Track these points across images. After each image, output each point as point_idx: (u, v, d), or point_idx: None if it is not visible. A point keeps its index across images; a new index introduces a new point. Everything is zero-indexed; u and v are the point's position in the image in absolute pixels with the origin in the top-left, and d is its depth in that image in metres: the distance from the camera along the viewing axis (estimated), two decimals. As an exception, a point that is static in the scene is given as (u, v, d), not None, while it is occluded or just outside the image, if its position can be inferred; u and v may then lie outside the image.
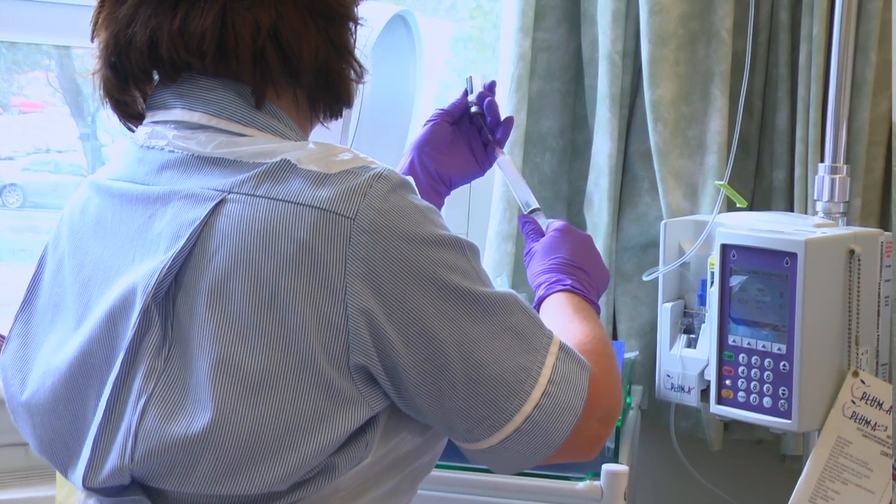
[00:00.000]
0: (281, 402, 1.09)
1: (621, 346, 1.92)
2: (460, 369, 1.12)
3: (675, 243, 1.90)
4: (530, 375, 1.14)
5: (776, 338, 1.68)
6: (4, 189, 2.46)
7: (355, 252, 1.09)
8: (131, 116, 1.26)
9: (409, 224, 1.11)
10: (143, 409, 1.10)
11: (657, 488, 2.21)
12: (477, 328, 1.13)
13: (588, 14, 2.08)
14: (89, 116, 2.43)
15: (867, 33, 1.91)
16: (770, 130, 2.04)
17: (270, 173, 1.13)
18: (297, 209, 1.10)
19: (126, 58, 1.20)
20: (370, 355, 1.10)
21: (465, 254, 1.15)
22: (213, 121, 1.18)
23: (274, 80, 1.19)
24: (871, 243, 1.72)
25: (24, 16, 2.10)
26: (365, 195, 1.10)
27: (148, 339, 1.12)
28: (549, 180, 2.14)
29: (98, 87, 1.24)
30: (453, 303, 1.12)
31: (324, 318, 1.08)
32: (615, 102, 2.02)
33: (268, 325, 1.08)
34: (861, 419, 1.68)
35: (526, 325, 1.16)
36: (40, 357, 1.22)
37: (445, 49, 2.37)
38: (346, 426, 1.11)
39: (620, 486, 1.63)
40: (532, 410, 1.14)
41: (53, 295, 1.24)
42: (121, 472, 1.12)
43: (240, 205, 1.11)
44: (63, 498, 1.70)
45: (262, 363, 1.08)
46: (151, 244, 1.15)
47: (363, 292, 1.09)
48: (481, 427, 1.15)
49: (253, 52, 1.16)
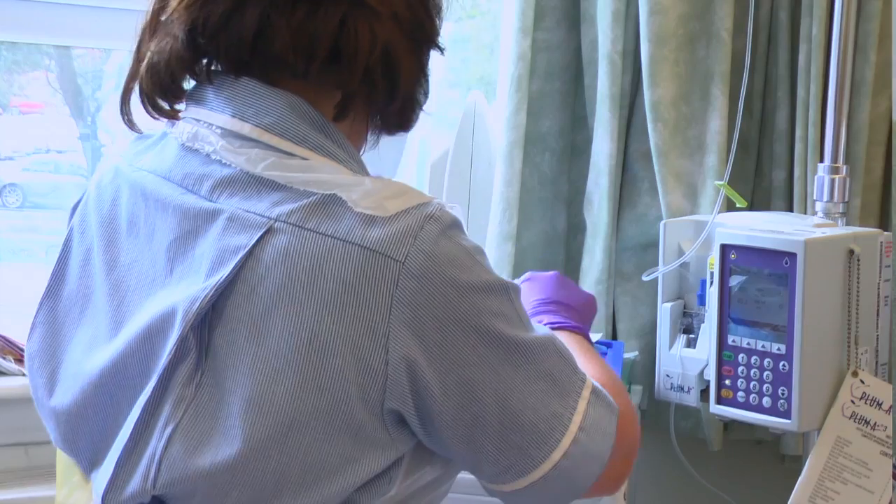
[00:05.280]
0: (310, 442, 1.07)
1: (621, 346, 1.91)
2: (494, 417, 1.10)
3: (674, 243, 1.90)
4: (561, 423, 1.13)
5: (776, 338, 1.68)
6: (4, 189, 2.46)
7: (402, 297, 1.06)
8: (175, 98, 1.19)
9: (457, 270, 1.08)
10: (170, 437, 1.08)
11: (657, 488, 2.21)
12: (515, 375, 1.11)
13: (588, 14, 2.08)
14: (89, 117, 2.43)
15: (867, 33, 1.92)
16: (770, 130, 2.05)
17: (321, 206, 1.08)
18: (346, 247, 1.06)
19: (216, 42, 1.14)
20: (406, 401, 1.08)
21: (510, 298, 1.12)
22: (264, 136, 1.13)
23: (371, 96, 1.16)
24: (871, 243, 1.72)
25: (24, 16, 2.10)
26: (416, 237, 1.06)
27: (182, 367, 1.09)
28: (549, 180, 2.14)
29: (152, 65, 1.17)
30: (495, 350, 1.09)
31: (363, 362, 1.06)
32: (615, 102, 2.03)
33: (305, 364, 1.06)
34: (861, 419, 1.68)
35: (561, 369, 1.14)
36: (70, 355, 1.20)
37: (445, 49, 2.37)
38: (371, 467, 1.09)
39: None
40: (560, 458, 1.13)
41: (82, 286, 1.22)
42: (142, 495, 1.10)
43: (287, 236, 1.07)
44: (63, 498, 1.70)
45: (294, 402, 1.06)
46: (193, 264, 1.12)
47: (406, 338, 1.06)
48: (509, 473, 1.14)
49: (367, 65, 1.13)
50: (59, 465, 1.65)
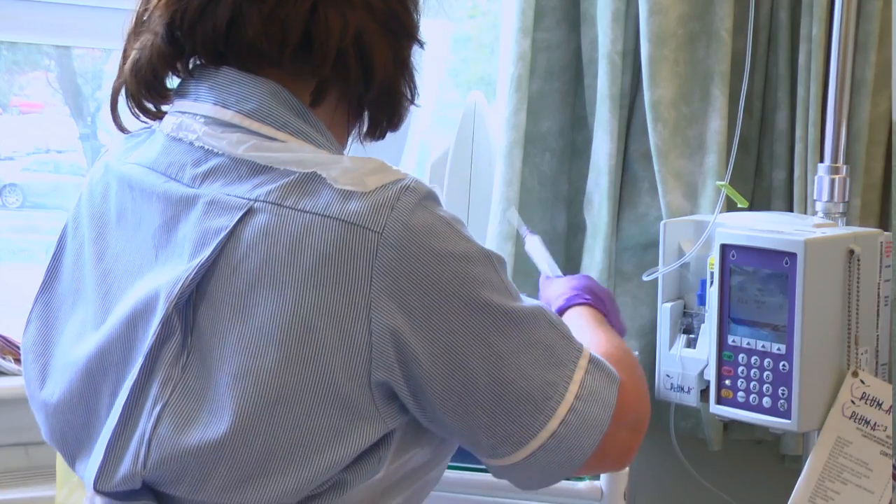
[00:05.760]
0: (296, 416, 1.08)
1: (621, 346, 1.92)
2: (486, 385, 1.11)
3: (674, 243, 1.90)
4: (557, 391, 1.13)
5: (776, 338, 1.68)
6: (4, 189, 2.46)
7: (382, 267, 1.07)
8: (159, 98, 1.22)
9: (435, 239, 1.09)
10: (158, 416, 1.10)
11: (657, 488, 2.21)
12: (504, 343, 1.11)
13: (588, 14, 2.08)
14: (89, 116, 2.43)
15: (867, 33, 1.91)
16: (770, 130, 2.04)
17: (299, 184, 1.10)
18: (324, 221, 1.08)
19: (193, 33, 1.17)
20: (393, 371, 1.09)
21: (494, 266, 1.13)
22: (245, 121, 1.16)
23: (344, 82, 1.18)
24: (871, 243, 1.72)
25: (24, 16, 2.10)
26: (393, 208, 1.08)
27: (167, 347, 1.11)
28: (549, 180, 2.14)
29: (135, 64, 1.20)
30: (480, 317, 1.10)
31: (346, 334, 1.07)
32: (615, 102, 2.03)
33: (288, 338, 1.07)
34: (861, 419, 1.68)
35: (554, 338, 1.15)
36: (60, 346, 1.22)
37: (444, 49, 2.37)
38: (360, 443, 1.10)
39: (620, 486, 1.63)
40: (557, 427, 1.13)
41: (74, 280, 1.23)
42: (133, 477, 1.11)
43: (266, 214, 1.09)
44: (63, 498, 1.70)
45: (280, 377, 1.07)
46: (175, 247, 1.14)
47: (389, 307, 1.07)
48: (506, 444, 1.14)
49: (338, 50, 1.15)
50: (59, 465, 1.66)
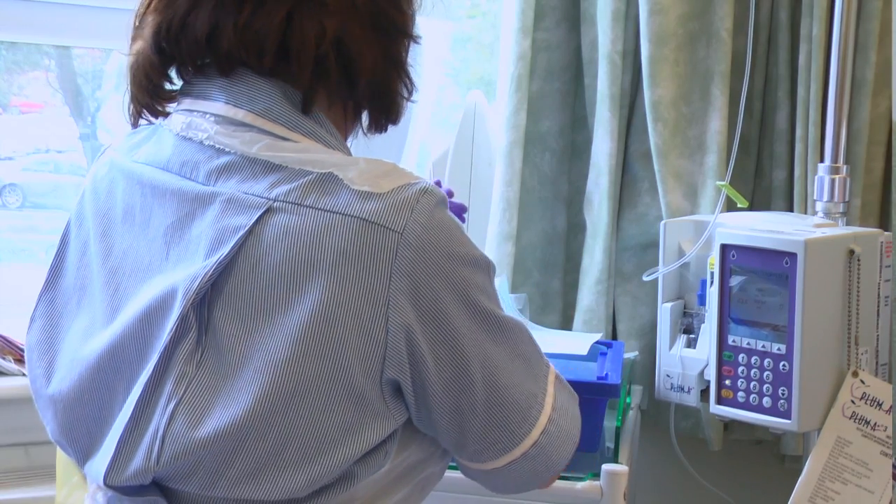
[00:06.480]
0: (312, 410, 1.08)
1: (621, 346, 1.91)
2: (482, 391, 1.14)
3: (674, 243, 1.90)
4: (537, 402, 1.18)
5: (776, 338, 1.68)
6: (4, 189, 2.46)
7: (401, 266, 1.08)
8: (160, 99, 1.23)
9: (451, 242, 1.11)
10: (172, 413, 1.10)
11: (657, 488, 2.21)
12: (496, 350, 1.15)
13: (588, 14, 2.08)
14: (89, 116, 2.42)
15: (867, 33, 1.92)
16: (770, 130, 2.04)
17: (318, 183, 1.11)
18: (345, 220, 1.09)
19: (178, 44, 1.18)
20: (404, 370, 1.11)
21: (489, 275, 1.16)
22: (257, 121, 1.16)
23: (329, 87, 1.18)
24: (871, 243, 1.72)
25: (24, 16, 2.10)
26: (413, 210, 1.09)
27: (182, 344, 1.11)
28: (549, 180, 2.14)
29: (132, 68, 1.21)
30: (479, 324, 1.13)
31: (365, 331, 1.08)
32: (615, 102, 2.03)
33: (308, 335, 1.08)
34: (861, 419, 1.68)
35: (532, 353, 1.19)
36: (67, 343, 1.22)
37: (444, 49, 2.37)
38: (372, 438, 1.11)
39: (620, 486, 1.63)
40: (539, 436, 1.17)
41: (79, 277, 1.23)
42: (145, 473, 1.11)
43: (286, 214, 1.10)
44: (63, 498, 1.70)
45: (299, 370, 1.08)
46: (189, 245, 1.14)
47: (405, 307, 1.09)
48: (492, 449, 1.17)
49: (315, 56, 1.15)
50: (58, 465, 1.65)
